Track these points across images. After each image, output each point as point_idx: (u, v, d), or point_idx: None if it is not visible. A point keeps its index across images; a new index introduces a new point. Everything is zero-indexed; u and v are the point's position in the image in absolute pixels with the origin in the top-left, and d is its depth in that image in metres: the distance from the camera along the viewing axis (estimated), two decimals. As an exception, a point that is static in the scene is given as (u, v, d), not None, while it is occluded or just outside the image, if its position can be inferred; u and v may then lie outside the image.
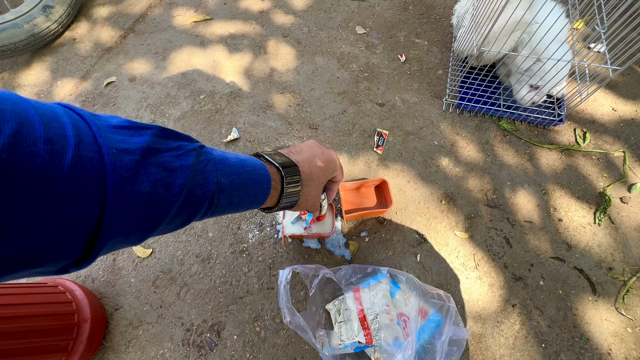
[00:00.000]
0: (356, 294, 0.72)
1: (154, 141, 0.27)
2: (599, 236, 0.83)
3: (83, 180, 0.21)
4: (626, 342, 0.73)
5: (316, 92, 1.09)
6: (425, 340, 0.67)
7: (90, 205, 0.22)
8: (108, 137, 0.23)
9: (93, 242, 0.23)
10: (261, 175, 0.39)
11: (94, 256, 0.23)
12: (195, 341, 0.76)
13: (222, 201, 0.33)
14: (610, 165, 0.93)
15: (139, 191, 0.24)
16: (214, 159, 0.32)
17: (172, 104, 1.09)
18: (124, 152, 0.24)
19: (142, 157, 0.25)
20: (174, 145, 0.29)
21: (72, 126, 0.21)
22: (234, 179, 0.34)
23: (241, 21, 1.28)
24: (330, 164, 0.49)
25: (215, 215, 0.35)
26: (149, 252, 0.85)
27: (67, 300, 0.70)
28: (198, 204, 0.30)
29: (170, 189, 0.27)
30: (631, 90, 1.04)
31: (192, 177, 0.28)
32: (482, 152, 0.96)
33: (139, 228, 0.26)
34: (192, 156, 0.29)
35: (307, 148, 0.48)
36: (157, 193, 0.26)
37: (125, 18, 1.33)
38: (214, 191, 0.31)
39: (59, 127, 0.21)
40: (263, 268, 0.82)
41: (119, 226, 0.24)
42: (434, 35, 1.20)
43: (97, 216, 0.22)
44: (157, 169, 0.26)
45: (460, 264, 0.81)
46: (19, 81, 1.20)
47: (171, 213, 0.28)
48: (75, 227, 0.21)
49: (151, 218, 0.26)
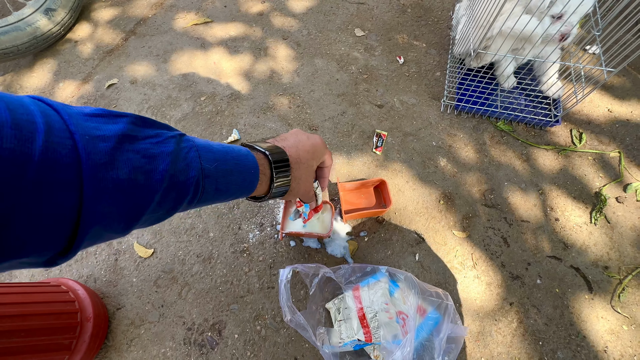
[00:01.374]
0: (356, 293, 0.73)
1: (130, 128, 0.26)
2: (595, 235, 0.85)
3: (56, 166, 0.20)
4: (622, 340, 0.74)
5: (316, 93, 1.10)
6: (423, 338, 0.68)
7: (67, 192, 0.21)
8: (80, 124, 0.23)
9: (75, 232, 0.23)
10: (247, 161, 0.38)
11: (76, 246, 0.23)
12: (196, 340, 0.76)
13: (208, 187, 0.33)
14: (606, 166, 0.94)
15: (117, 177, 0.24)
16: (196, 146, 0.32)
17: (173, 105, 1.10)
18: (98, 139, 0.23)
19: (117, 144, 0.25)
20: (151, 133, 0.28)
21: (40, 114, 0.21)
22: (218, 165, 0.34)
23: (241, 23, 1.29)
24: (316, 147, 0.49)
25: (204, 202, 0.34)
26: (150, 252, 0.86)
27: (69, 299, 0.71)
28: (183, 191, 0.30)
29: (152, 175, 0.26)
30: (626, 91, 1.06)
31: (173, 163, 0.28)
32: (479, 153, 0.97)
33: (123, 216, 0.25)
34: (173, 142, 0.29)
35: (291, 135, 0.48)
36: (137, 180, 0.25)
37: (126, 21, 1.34)
38: (198, 177, 0.31)
39: (27, 114, 0.20)
40: (264, 267, 0.83)
41: (99, 214, 0.23)
42: (432, 38, 1.21)
43: (75, 204, 0.22)
44: (136, 155, 0.26)
45: (459, 263, 0.82)
46: (21, 83, 1.21)
47: (155, 200, 0.27)
48: (54, 216, 0.21)
49: (134, 206, 0.26)
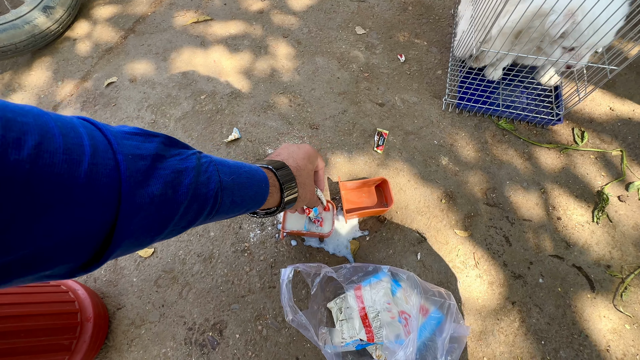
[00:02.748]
0: (357, 292, 0.73)
1: (161, 148, 0.29)
2: (597, 234, 0.84)
3: (98, 186, 0.22)
4: (624, 339, 0.73)
5: (316, 92, 1.09)
6: (426, 338, 0.68)
7: (104, 209, 0.23)
8: (123, 144, 0.25)
9: (105, 246, 0.24)
10: (258, 175, 0.41)
11: (104, 259, 0.24)
12: (197, 340, 0.76)
13: (226, 199, 0.35)
14: (608, 164, 0.94)
15: (151, 193, 0.26)
16: (214, 161, 0.35)
17: (173, 104, 1.10)
18: (138, 158, 0.25)
19: (152, 162, 0.27)
20: (175, 152, 0.31)
21: (87, 136, 0.23)
22: (234, 178, 0.36)
23: (241, 21, 1.28)
24: (309, 153, 0.53)
25: (218, 216, 0.36)
26: (150, 251, 0.85)
27: (69, 299, 0.70)
28: (204, 202, 0.32)
29: (178, 189, 0.28)
30: (628, 89, 1.06)
31: (196, 177, 0.30)
32: (481, 152, 0.97)
33: (150, 230, 0.27)
34: (194, 159, 0.31)
35: (283, 150, 0.53)
36: (167, 194, 0.27)
37: (125, 18, 1.33)
38: (217, 189, 0.33)
39: (76, 137, 0.22)
40: (265, 267, 0.82)
41: (132, 228, 0.25)
42: (433, 36, 1.21)
43: (110, 219, 0.23)
44: (166, 171, 0.28)
45: (460, 262, 0.82)
46: (19, 82, 1.20)
47: (179, 212, 0.29)
48: (89, 231, 0.22)
49: (162, 219, 0.28)
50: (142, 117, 1.08)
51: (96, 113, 1.10)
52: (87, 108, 1.11)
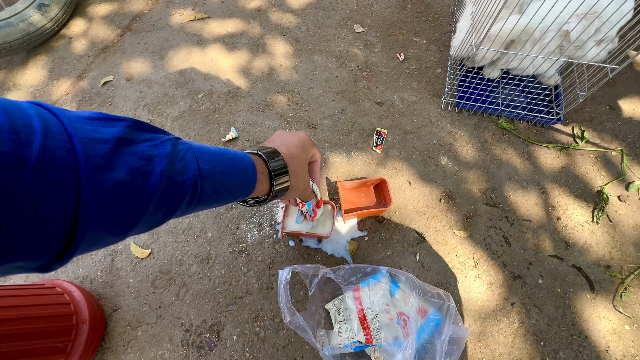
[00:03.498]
0: (356, 294, 0.72)
1: (127, 132, 0.27)
2: (597, 234, 0.84)
3: (53, 169, 0.20)
4: (624, 340, 0.73)
5: (315, 91, 1.08)
6: (425, 340, 0.68)
7: (64, 194, 0.21)
8: (79, 127, 0.23)
9: (72, 235, 0.22)
10: (244, 161, 0.39)
11: (73, 250, 0.23)
12: (194, 341, 0.75)
13: (207, 188, 0.33)
14: (608, 164, 0.93)
15: (115, 179, 0.24)
16: (192, 148, 0.32)
17: (170, 103, 1.09)
18: (96, 141, 0.23)
19: (115, 146, 0.25)
20: (147, 136, 0.29)
21: (38, 117, 0.21)
22: (215, 165, 0.34)
23: (239, 19, 1.27)
24: (304, 141, 0.50)
25: (203, 205, 0.34)
26: (147, 252, 0.85)
27: (65, 301, 0.70)
28: (180, 192, 0.30)
29: (149, 176, 0.26)
30: (628, 88, 1.05)
31: (170, 164, 0.28)
32: (481, 151, 0.96)
33: (120, 219, 0.25)
34: (169, 145, 0.29)
35: (276, 137, 0.50)
36: (135, 181, 0.25)
37: (121, 16, 1.32)
38: (196, 178, 0.31)
39: (24, 118, 0.20)
40: (262, 268, 0.82)
41: (98, 217, 0.23)
42: (432, 34, 1.20)
43: (72, 206, 0.22)
44: (133, 157, 0.26)
45: (460, 262, 0.81)
46: (14, 81, 1.19)
47: (153, 202, 0.27)
48: (49, 219, 0.21)
49: (132, 208, 0.26)
50: (138, 116, 1.07)
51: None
52: (83, 107, 1.10)
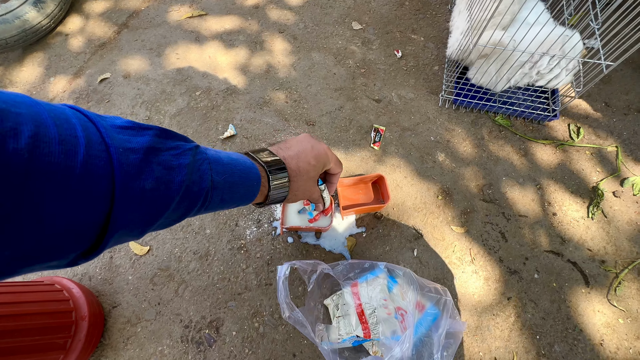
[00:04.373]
0: (354, 289, 0.73)
1: (155, 141, 0.29)
2: (592, 230, 0.85)
3: (93, 177, 0.22)
4: (618, 333, 0.74)
5: (313, 88, 1.09)
6: (422, 334, 0.68)
7: (101, 200, 0.23)
8: (114, 137, 0.25)
9: (102, 235, 0.25)
10: (251, 174, 0.41)
11: (102, 248, 0.25)
12: (194, 337, 0.76)
13: (215, 198, 0.35)
14: (604, 160, 0.94)
15: (143, 187, 0.26)
16: (209, 159, 0.34)
17: (168, 100, 1.08)
18: (129, 151, 0.26)
19: (145, 155, 0.27)
20: (172, 145, 0.31)
21: (81, 127, 0.23)
22: (226, 177, 0.36)
23: (237, 16, 1.27)
24: (320, 158, 0.49)
25: (207, 211, 0.37)
26: (146, 249, 0.85)
27: (64, 298, 0.70)
28: (194, 200, 0.32)
29: (170, 185, 0.29)
30: (624, 85, 1.06)
31: (189, 175, 0.30)
32: (478, 148, 0.97)
33: (142, 221, 0.28)
34: (189, 155, 0.31)
35: (297, 143, 0.48)
36: (159, 190, 0.28)
37: (118, 13, 1.31)
38: (208, 188, 0.33)
39: (70, 128, 0.22)
40: (261, 264, 0.82)
41: (126, 220, 0.25)
42: (430, 31, 1.20)
43: (106, 210, 0.24)
44: (159, 167, 0.28)
45: (457, 258, 0.82)
46: (10, 78, 1.18)
47: (170, 208, 0.30)
48: (87, 222, 0.23)
49: (153, 212, 0.28)
50: (136, 114, 1.06)
51: (89, 110, 1.08)
52: (80, 104, 1.09)
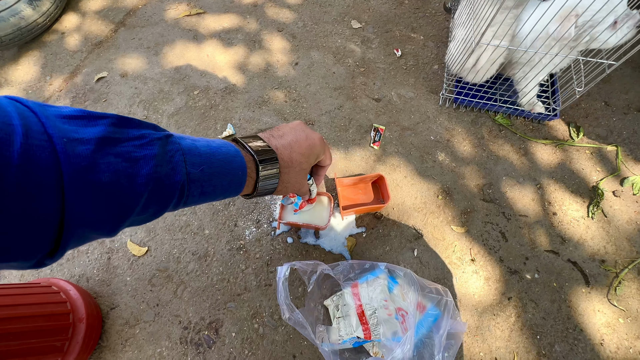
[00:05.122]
0: (354, 290, 0.72)
1: (110, 130, 0.26)
2: (592, 229, 0.85)
3: (36, 169, 0.20)
4: (618, 333, 0.74)
5: (312, 87, 1.08)
6: (423, 334, 0.68)
7: (48, 195, 0.21)
8: (58, 127, 0.23)
9: (60, 233, 0.23)
10: (235, 163, 0.37)
11: (63, 247, 0.23)
12: (193, 339, 0.75)
13: (194, 191, 0.32)
14: (603, 160, 0.94)
15: (99, 181, 0.24)
16: (182, 149, 0.31)
17: (166, 99, 1.07)
18: (76, 142, 0.23)
19: (97, 146, 0.24)
20: (135, 134, 0.28)
21: (18, 115, 0.21)
22: (204, 168, 0.33)
23: (235, 15, 1.26)
24: (313, 149, 0.46)
25: (189, 205, 0.34)
26: (144, 250, 0.84)
27: (61, 300, 0.69)
28: (167, 195, 0.30)
29: (135, 179, 0.26)
30: (624, 84, 1.06)
31: (157, 166, 0.28)
32: (478, 147, 0.96)
33: (108, 219, 0.25)
34: (157, 146, 0.29)
35: (290, 131, 0.45)
36: (121, 183, 0.25)
37: (115, 11, 1.30)
38: (183, 182, 0.30)
39: (3, 115, 0.20)
40: (260, 265, 0.82)
41: (84, 217, 0.23)
42: (429, 30, 1.19)
43: (57, 207, 0.22)
44: (117, 159, 0.25)
45: (457, 258, 0.82)
46: (5, 77, 1.16)
47: (140, 203, 0.27)
48: (36, 219, 0.21)
49: (119, 209, 0.26)
50: (133, 113, 1.05)
51: (86, 109, 1.07)
52: (76, 104, 1.08)
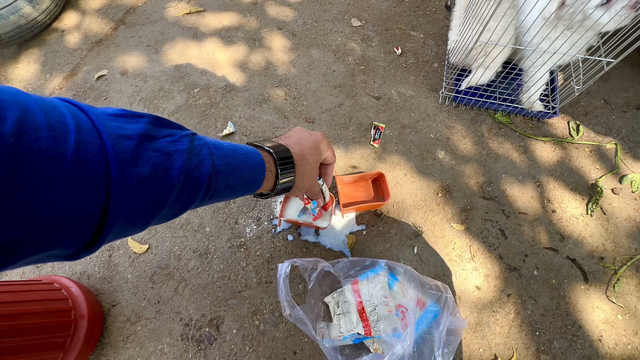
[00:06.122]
0: (354, 287, 0.73)
1: (149, 128, 0.28)
2: (591, 227, 0.85)
3: (87, 163, 0.22)
4: (616, 329, 0.75)
5: (312, 85, 1.08)
6: (423, 331, 0.68)
7: (96, 188, 0.22)
8: (106, 124, 0.24)
9: (101, 226, 0.24)
10: (255, 158, 0.40)
11: (102, 239, 0.24)
12: (194, 336, 0.76)
13: (220, 183, 0.34)
14: (603, 157, 0.94)
15: (140, 174, 0.25)
16: (208, 144, 0.34)
17: (166, 97, 1.08)
18: (123, 137, 0.25)
19: (140, 142, 0.26)
20: (167, 132, 0.30)
21: (70, 115, 0.22)
22: (229, 161, 0.35)
23: (235, 13, 1.26)
24: (319, 144, 0.51)
25: (214, 199, 0.36)
26: (145, 247, 0.84)
27: (63, 297, 0.69)
28: (197, 186, 0.31)
29: (170, 171, 0.28)
30: (623, 82, 1.06)
31: (188, 160, 0.30)
32: (477, 145, 0.97)
33: (144, 210, 0.27)
34: (186, 141, 0.31)
35: (294, 133, 0.51)
36: (158, 176, 0.27)
37: (115, 9, 1.30)
38: (211, 173, 0.32)
39: (59, 115, 0.21)
40: (261, 262, 0.82)
41: (125, 209, 0.25)
42: (429, 28, 1.19)
43: (103, 198, 0.23)
44: (155, 153, 0.27)
45: (457, 255, 0.82)
46: (6, 75, 1.16)
47: (172, 196, 0.29)
48: (84, 210, 0.22)
49: (154, 201, 0.27)
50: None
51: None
52: (77, 102, 1.08)
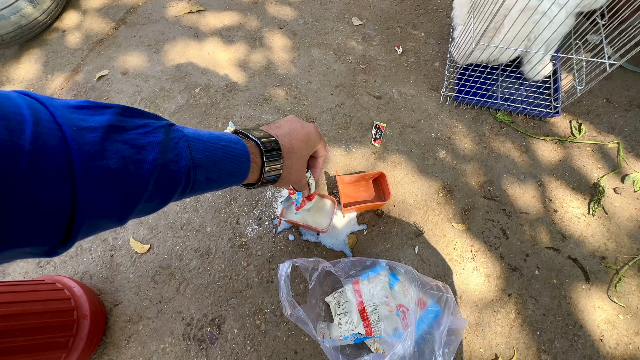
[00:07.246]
0: (355, 286, 0.73)
1: (117, 119, 0.27)
2: (593, 226, 0.85)
3: (47, 156, 0.20)
4: (618, 329, 0.75)
5: (313, 84, 1.08)
6: (424, 331, 0.69)
7: (60, 181, 0.21)
8: (66, 116, 0.23)
9: (72, 220, 0.23)
10: (237, 149, 0.38)
11: (74, 235, 0.23)
12: (196, 335, 0.76)
13: (200, 177, 0.33)
14: (605, 157, 0.94)
15: (107, 167, 0.24)
16: (185, 136, 0.32)
17: (167, 97, 1.08)
18: (85, 130, 0.24)
19: (105, 134, 0.25)
20: (139, 122, 0.29)
21: (27, 106, 0.21)
22: (208, 154, 0.34)
23: (235, 12, 1.25)
24: (310, 136, 0.49)
25: (197, 191, 0.35)
26: (147, 247, 0.85)
27: (65, 297, 0.70)
28: (174, 181, 0.30)
29: (142, 165, 0.27)
30: (625, 81, 1.05)
31: (163, 153, 0.29)
32: (479, 144, 0.96)
33: (117, 206, 0.26)
34: (161, 132, 0.29)
35: (286, 123, 0.48)
36: (129, 169, 0.26)
37: (116, 9, 1.30)
38: (189, 167, 0.31)
39: (13, 106, 0.20)
40: (262, 262, 0.82)
41: (94, 204, 0.24)
42: (431, 27, 1.19)
43: (69, 193, 0.22)
44: (124, 145, 0.26)
45: (458, 255, 0.82)
46: (7, 75, 1.17)
47: (147, 190, 0.28)
48: (49, 205, 0.21)
49: (127, 195, 0.26)
50: (135, 111, 1.06)
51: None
52: (78, 102, 1.08)
